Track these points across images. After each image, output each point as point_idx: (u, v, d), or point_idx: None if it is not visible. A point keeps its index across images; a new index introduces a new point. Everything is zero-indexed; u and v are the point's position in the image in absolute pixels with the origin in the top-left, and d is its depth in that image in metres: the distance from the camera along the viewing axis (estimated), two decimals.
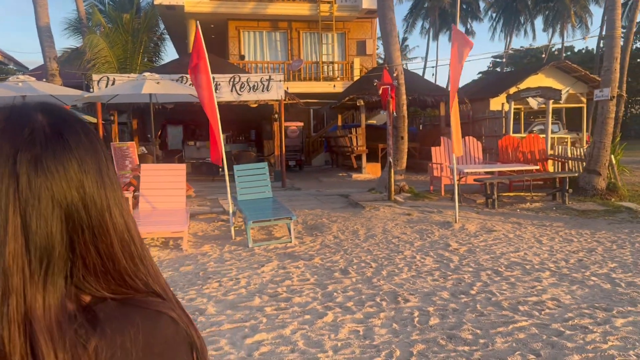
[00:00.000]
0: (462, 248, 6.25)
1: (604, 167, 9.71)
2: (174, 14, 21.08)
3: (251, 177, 7.84)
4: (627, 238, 6.74)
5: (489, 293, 4.55)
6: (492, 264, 5.51)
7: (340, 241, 6.69)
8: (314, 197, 10.58)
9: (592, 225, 7.60)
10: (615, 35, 9.60)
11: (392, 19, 10.00)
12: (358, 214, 8.47)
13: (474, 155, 10.93)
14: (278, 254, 6.12)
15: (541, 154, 11.21)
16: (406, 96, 13.64)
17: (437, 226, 7.52)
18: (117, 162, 11.37)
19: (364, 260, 5.71)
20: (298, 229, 7.47)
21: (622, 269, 5.28)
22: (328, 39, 22.52)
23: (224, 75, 12.00)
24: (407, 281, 4.94)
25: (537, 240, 6.63)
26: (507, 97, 13.30)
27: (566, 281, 4.89)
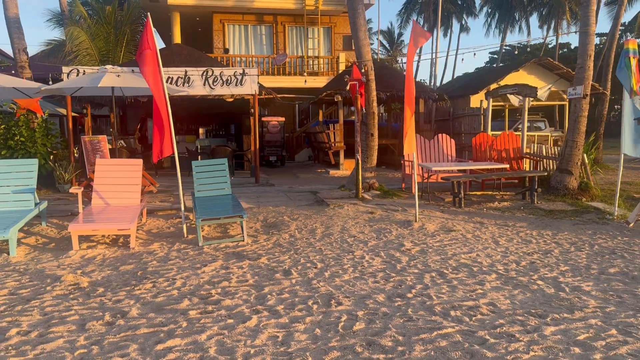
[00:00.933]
0: (415, 248, 6.11)
1: (575, 166, 9.57)
2: (157, 7, 20.81)
3: (210, 174, 7.68)
4: (588, 240, 6.62)
5: (425, 296, 4.41)
6: (439, 266, 5.37)
7: (295, 240, 6.54)
8: (284, 193, 10.42)
9: (556, 226, 7.47)
10: (589, 32, 9.44)
11: (362, 13, 9.81)
12: (321, 212, 8.32)
13: (447, 152, 10.79)
14: (227, 253, 5.97)
15: (516, 152, 11.08)
16: (384, 92, 13.52)
17: (397, 225, 7.37)
18: (88, 155, 11.17)
19: (312, 261, 5.56)
20: (256, 227, 7.31)
21: (572, 273, 5.15)
22: (314, 33, 22.34)
23: (196, 69, 11.80)
24: (347, 283, 4.80)
25: (495, 241, 6.50)
26: (485, 94, 13.14)
27: (510, 285, 4.76)
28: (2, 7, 11.39)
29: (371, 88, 9.72)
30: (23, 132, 11.01)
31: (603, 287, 4.69)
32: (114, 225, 6.11)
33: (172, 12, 21.05)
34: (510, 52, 48.39)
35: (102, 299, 4.39)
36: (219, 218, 6.28)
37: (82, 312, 4.09)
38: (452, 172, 9.78)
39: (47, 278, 5.02)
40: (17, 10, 11.48)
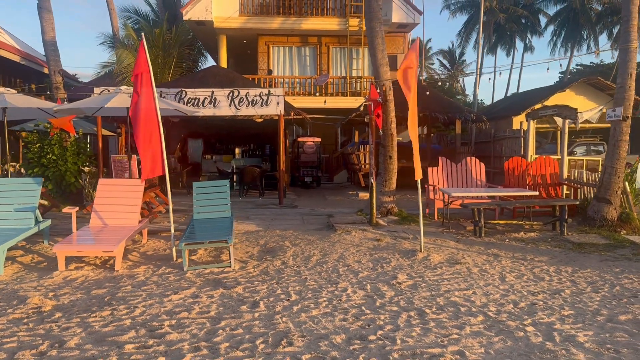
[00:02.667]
0: (407, 282, 5.63)
1: (615, 195, 8.71)
2: (204, 29, 21.40)
3: (210, 195, 7.53)
4: (611, 279, 5.88)
5: (389, 340, 3.96)
6: (424, 304, 4.88)
7: (284, 268, 6.22)
8: (302, 216, 10.14)
9: (581, 261, 6.73)
10: (630, 49, 8.64)
11: (379, 32, 9.47)
12: (326, 238, 7.95)
13: (475, 177, 10.15)
14: (207, 279, 5.73)
15: (553, 178, 10.27)
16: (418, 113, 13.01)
17: (400, 255, 6.89)
18: (117, 174, 11.38)
19: (288, 292, 5.22)
20: (252, 252, 7.06)
21: (574, 319, 4.52)
22: (358, 54, 22.15)
23: (222, 90, 11.84)
24: (312, 319, 4.42)
25: (501, 277, 5.90)
26: (526, 116, 12.40)
27: (494, 330, 4.21)
28: (40, 31, 11.97)
29: (389, 109, 9.32)
30: (55, 150, 11.37)
31: (602, 338, 4.05)
32: (99, 247, 6.04)
33: (219, 35, 21.52)
34: (581, 72, 45.66)
35: (52, 326, 4.25)
36: (203, 242, 6.07)
37: (23, 339, 3.95)
38: (473, 199, 9.15)
39: (15, 299, 4.96)
40: (54, 34, 12.02)
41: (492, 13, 47.90)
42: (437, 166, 10.22)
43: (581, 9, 43.35)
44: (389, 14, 20.69)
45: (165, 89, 11.91)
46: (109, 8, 20.93)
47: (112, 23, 20.40)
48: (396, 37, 22.45)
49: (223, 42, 21.70)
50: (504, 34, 49.68)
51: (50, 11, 11.89)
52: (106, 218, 7.06)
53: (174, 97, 11.67)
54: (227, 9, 20.49)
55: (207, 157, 17.30)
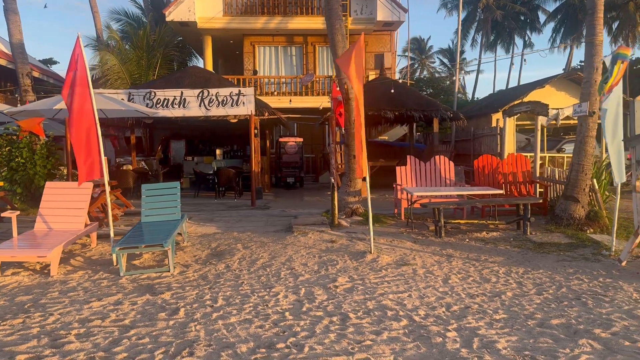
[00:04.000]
0: (345, 285, 5.44)
1: (582, 192, 8.48)
2: (188, 30, 21.26)
3: (160, 197, 7.36)
4: (560, 280, 5.68)
5: (298, 348, 3.78)
6: (353, 308, 4.70)
7: (225, 272, 6.04)
8: (268, 217, 9.96)
9: (536, 261, 6.52)
10: (595, 42, 8.42)
11: (339, 29, 9.28)
12: (281, 240, 7.77)
13: (444, 176, 9.94)
14: (140, 285, 5.57)
15: (526, 176, 10.05)
16: (392, 112, 12.84)
17: (349, 257, 6.70)
18: None
19: (216, 298, 5.04)
20: (200, 256, 6.88)
21: (504, 323, 4.33)
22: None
23: (192, 90, 11.67)
24: (227, 327, 4.24)
25: (445, 279, 5.70)
26: (502, 113, 12.19)
27: (413, 336, 4.03)
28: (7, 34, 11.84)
29: (352, 107, 9.11)
30: (23, 153, 11.25)
31: (524, 344, 3.86)
32: (33, 252, 5.89)
33: (204, 36, 21.36)
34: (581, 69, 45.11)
35: None
36: (137, 247, 5.90)
37: None
38: (439, 198, 8.95)
39: None
40: (21, 37, 11.89)
41: (489, 10, 47.56)
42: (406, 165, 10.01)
43: (580, 4, 42.90)
44: (374, 12, 20.50)
45: (135, 90, 11.76)
46: (92, 11, 20.83)
47: (95, 25, 20.31)
48: (382, 35, 22.25)
49: (208, 42, 21.54)
50: (503, 31, 49.30)
51: (16, 13, 11.75)
52: (51, 222, 6.92)
53: (142, 97, 11.52)
54: (210, 9, 20.33)
55: (188, 159, 17.16)
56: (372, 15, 20.60)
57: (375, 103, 13.26)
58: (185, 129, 18.55)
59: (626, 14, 39.32)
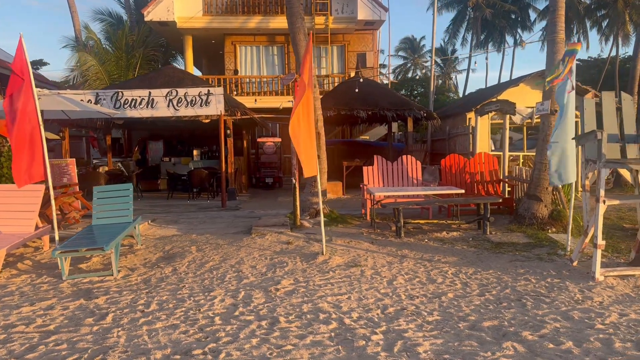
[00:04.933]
0: (286, 288, 5.36)
1: (545, 191, 8.43)
2: (168, 30, 21.12)
3: (112, 200, 7.25)
4: (508, 281, 5.61)
5: (213, 354, 3.70)
6: (287, 311, 4.62)
7: (170, 276, 5.95)
8: (234, 219, 9.88)
9: (489, 262, 6.46)
10: (556, 40, 8.37)
11: (300, 28, 9.18)
12: (237, 242, 7.68)
13: (411, 175, 9.87)
14: (79, 289, 5.47)
15: (493, 176, 10.01)
16: (365, 110, 12.77)
17: (301, 258, 6.62)
18: (54, 178, 11.13)
19: (150, 302, 4.95)
20: (150, 259, 6.79)
21: (434, 325, 4.26)
22: (326, 52, 21.87)
23: (160, 90, 11.57)
24: (151, 332, 4.15)
25: (390, 280, 5.63)
26: (475, 112, 12.14)
27: (337, 340, 3.95)
28: None
29: (315, 106, 9.03)
30: None
31: (447, 348, 3.79)
32: None
33: (184, 36, 21.25)
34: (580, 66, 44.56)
35: None
36: (78, 250, 5.80)
37: None
38: (403, 198, 8.89)
39: None
40: None
41: (479, 9, 47.54)
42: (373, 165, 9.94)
43: (569, 3, 42.90)
44: (355, 11, 20.43)
45: (102, 91, 11.65)
46: (70, 10, 20.65)
47: (74, 25, 20.14)
48: (365, 34, 22.17)
49: (189, 42, 21.42)
50: (494, 29, 49.26)
51: None
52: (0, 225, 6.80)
53: (110, 98, 11.41)
54: (190, 9, 20.21)
55: (166, 160, 17.03)
56: (353, 14, 20.53)
57: (349, 102, 13.19)
58: (164, 130, 18.42)
59: (615, 12, 39.35)
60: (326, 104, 13.50)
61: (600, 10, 42.79)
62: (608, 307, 4.68)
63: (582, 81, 40.21)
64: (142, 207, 12.01)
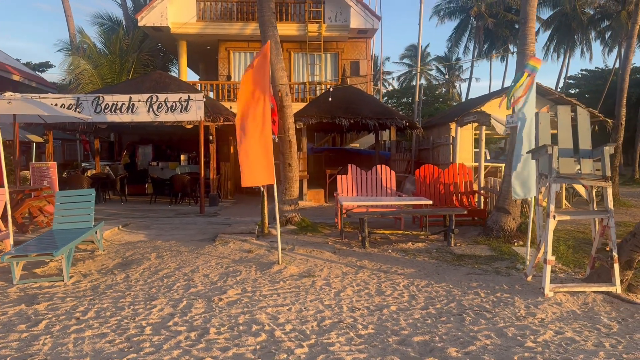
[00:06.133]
0: (231, 298, 5.34)
1: (513, 204, 8.38)
2: (162, 35, 21.23)
3: (74, 205, 7.27)
4: (457, 294, 5.58)
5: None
6: (221, 322, 4.60)
7: (120, 283, 5.95)
8: (207, 225, 9.88)
9: (445, 274, 6.42)
10: (527, 52, 8.33)
11: (273, 35, 9.21)
12: (198, 249, 7.68)
13: (385, 185, 9.84)
14: (26, 295, 5.48)
15: (467, 187, 9.96)
16: (347, 119, 12.76)
17: (257, 267, 6.60)
18: (35, 181, 11.19)
19: (89, 310, 4.95)
20: (107, 265, 6.79)
21: (364, 339, 4.23)
22: (319, 59, 21.91)
23: (140, 95, 11.62)
24: (77, 341, 4.15)
25: (338, 292, 5.60)
26: (455, 123, 12.13)
27: (259, 353, 3.94)
28: None
29: (287, 115, 9.04)
30: None
31: None
32: None
33: (179, 41, 21.35)
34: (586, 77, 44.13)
35: None
36: (27, 255, 5.81)
37: None
38: (373, 208, 8.86)
39: None
40: None
41: (481, 18, 47.53)
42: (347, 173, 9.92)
43: (572, 13, 42.75)
44: (348, 19, 20.47)
45: (83, 95, 11.71)
46: (65, 14, 20.82)
47: (68, 29, 20.30)
48: (358, 42, 22.21)
49: (183, 47, 21.52)
50: (496, 39, 49.16)
51: None
52: None
53: (90, 102, 11.47)
54: (183, 14, 20.32)
55: (153, 164, 17.08)
56: (346, 22, 20.57)
57: (331, 110, 13.19)
58: (154, 134, 18.49)
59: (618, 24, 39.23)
60: (310, 112, 13.52)
61: (604, 21, 42.72)
62: (547, 325, 4.63)
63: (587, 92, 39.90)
64: (121, 212, 12.05)
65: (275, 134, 8.67)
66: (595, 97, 34.15)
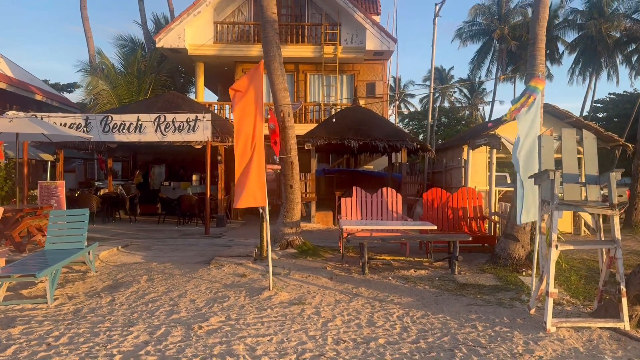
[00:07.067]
0: (212, 326, 5.11)
1: (522, 231, 8.01)
2: (180, 57, 21.49)
3: (67, 225, 7.18)
4: (453, 327, 5.24)
5: None
6: (195, 352, 4.36)
7: (103, 307, 5.78)
8: (208, 247, 9.72)
9: (444, 305, 6.08)
10: (536, 74, 8.06)
11: (276, 57, 9.09)
12: (191, 272, 7.48)
13: (391, 209, 9.56)
14: (5, 317, 5.35)
15: (476, 212, 9.62)
16: (356, 140, 12.57)
17: (247, 293, 6.36)
18: (42, 200, 11.22)
19: (62, 335, 4.77)
20: (96, 287, 6.64)
21: None
22: (335, 80, 21.85)
23: (148, 115, 11.63)
24: None
25: (327, 322, 5.32)
26: (468, 145, 11.82)
27: None
28: None
29: (289, 135, 8.88)
30: None
31: None
32: None
33: (196, 62, 21.57)
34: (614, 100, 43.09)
35: None
36: (9, 276, 5.69)
37: None
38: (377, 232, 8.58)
39: None
40: None
41: (504, 41, 47.11)
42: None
43: (598, 36, 42.02)
44: (364, 41, 20.43)
45: (92, 115, 11.79)
46: (86, 36, 21.28)
47: (88, 50, 20.71)
48: (375, 64, 22.11)
49: (200, 69, 21.73)
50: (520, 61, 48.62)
51: None
52: None
53: (99, 122, 11.52)
54: (201, 36, 20.55)
55: (165, 184, 17.11)
56: (362, 44, 20.54)
57: (341, 132, 13.02)
58: (168, 154, 18.58)
59: None
60: (319, 133, 13.38)
61: (631, 44, 41.95)
62: None
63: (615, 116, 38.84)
64: (127, 231, 11.99)
65: (276, 154, 8.53)
66: (624, 121, 33.28)
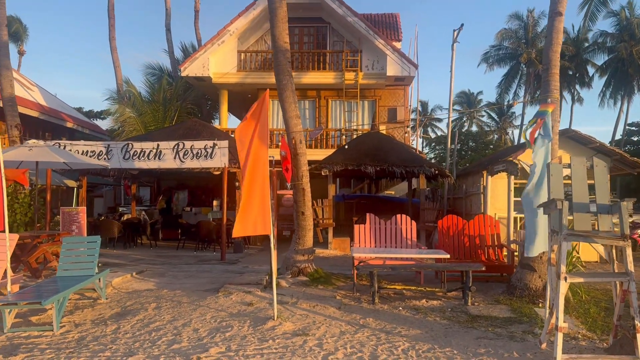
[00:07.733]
0: (211, 357, 5.06)
1: (539, 261, 7.75)
2: (204, 84, 21.94)
3: (79, 252, 7.28)
4: None
5: None
6: None
7: (108, 335, 5.79)
8: (222, 273, 9.73)
9: (453, 338, 5.89)
10: (549, 100, 7.90)
11: (288, 84, 9.17)
12: (199, 300, 7.46)
13: (405, 236, 9.41)
14: (10, 344, 5.41)
15: (494, 240, 9.39)
16: (373, 166, 12.51)
17: (251, 322, 6.30)
18: (64, 226, 11.46)
19: None
20: (104, 314, 6.68)
21: None
22: (356, 106, 21.93)
23: (167, 143, 11.85)
24: None
25: (327, 355, 5.21)
26: (487, 171, 11.63)
27: None
28: None
29: (300, 162, 8.88)
30: None
31: None
32: None
33: (220, 90, 22.00)
34: None
35: None
36: (17, 303, 5.77)
37: None
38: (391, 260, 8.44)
39: None
40: (13, 90, 12.56)
41: (531, 64, 46.64)
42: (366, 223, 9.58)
43: (629, 59, 41.17)
44: (385, 67, 20.52)
45: (113, 143, 12.07)
46: (114, 65, 21.98)
47: (116, 79, 21.39)
48: (396, 90, 22.14)
49: (224, 96, 22.14)
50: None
51: (9, 69, 12.52)
52: None
53: (120, 149, 11.78)
54: (224, 65, 20.99)
55: (187, 209, 17.30)
56: (383, 70, 20.63)
57: (358, 158, 12.99)
58: (191, 180, 18.86)
59: None
60: (336, 159, 13.38)
61: None
62: None
63: None
64: (145, 257, 12.12)
65: (288, 181, 8.54)
66: None
